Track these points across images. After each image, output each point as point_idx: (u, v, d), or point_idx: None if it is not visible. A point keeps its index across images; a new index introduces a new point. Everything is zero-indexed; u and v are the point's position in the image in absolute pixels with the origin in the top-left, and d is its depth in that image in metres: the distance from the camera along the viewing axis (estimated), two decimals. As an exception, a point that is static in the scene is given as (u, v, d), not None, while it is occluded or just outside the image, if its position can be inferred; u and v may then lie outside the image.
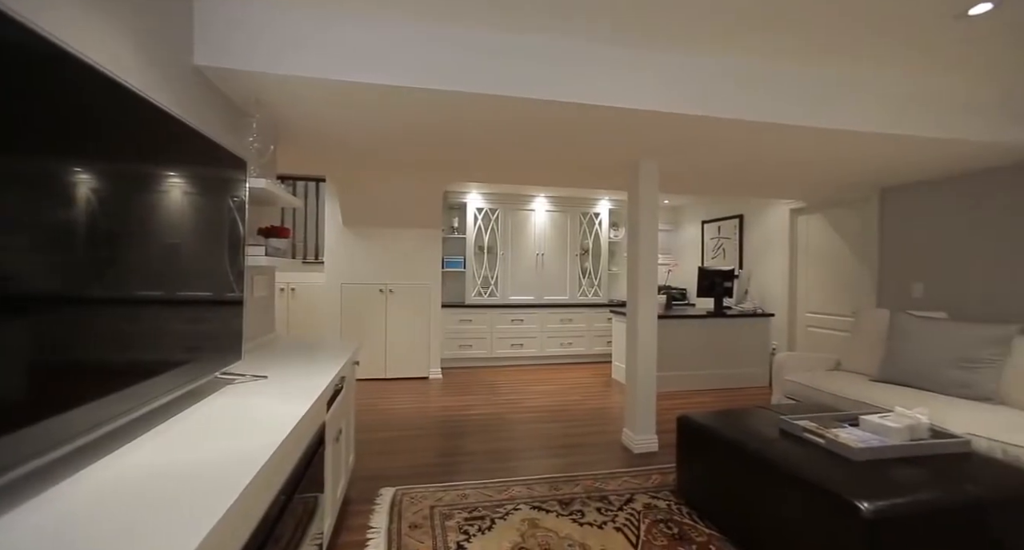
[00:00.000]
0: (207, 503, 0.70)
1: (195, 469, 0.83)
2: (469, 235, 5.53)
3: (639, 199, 2.89)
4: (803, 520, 1.57)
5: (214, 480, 0.78)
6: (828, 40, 1.93)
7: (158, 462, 0.85)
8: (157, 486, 0.76)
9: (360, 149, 2.81)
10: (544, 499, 2.22)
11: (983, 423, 2.10)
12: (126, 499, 0.72)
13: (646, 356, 2.89)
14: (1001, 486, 1.52)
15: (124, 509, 0.69)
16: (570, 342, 5.53)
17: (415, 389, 4.30)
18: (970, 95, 2.40)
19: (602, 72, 1.99)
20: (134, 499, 0.72)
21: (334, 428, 1.73)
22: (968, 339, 2.52)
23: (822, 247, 4.41)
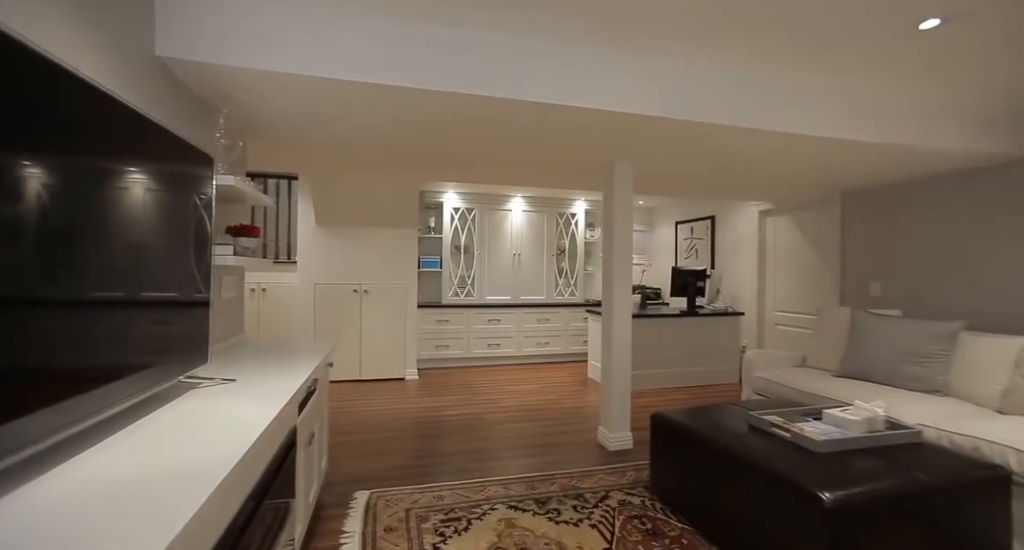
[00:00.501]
0: (169, 511, 0.68)
1: (156, 477, 0.80)
2: (446, 235, 5.50)
3: (614, 200, 2.93)
4: (770, 511, 1.62)
5: (176, 488, 0.75)
6: (794, 49, 2.01)
7: (116, 470, 0.82)
8: (115, 494, 0.73)
9: (333, 147, 2.75)
10: (521, 498, 2.23)
11: (932, 414, 2.22)
12: (83, 508, 0.69)
13: (621, 355, 2.93)
14: (947, 473, 1.61)
15: (81, 518, 0.66)
16: (547, 342, 5.57)
17: (391, 390, 4.25)
18: (922, 105, 2.53)
19: (575, 73, 2.01)
20: (91, 508, 0.69)
21: (306, 431, 1.69)
22: (919, 335, 2.66)
23: (789, 248, 4.57)
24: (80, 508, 0.69)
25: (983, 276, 2.95)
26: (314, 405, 1.84)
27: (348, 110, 2.10)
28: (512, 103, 1.98)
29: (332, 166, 3.31)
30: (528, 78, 1.95)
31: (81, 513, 0.68)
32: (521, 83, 1.94)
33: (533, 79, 1.95)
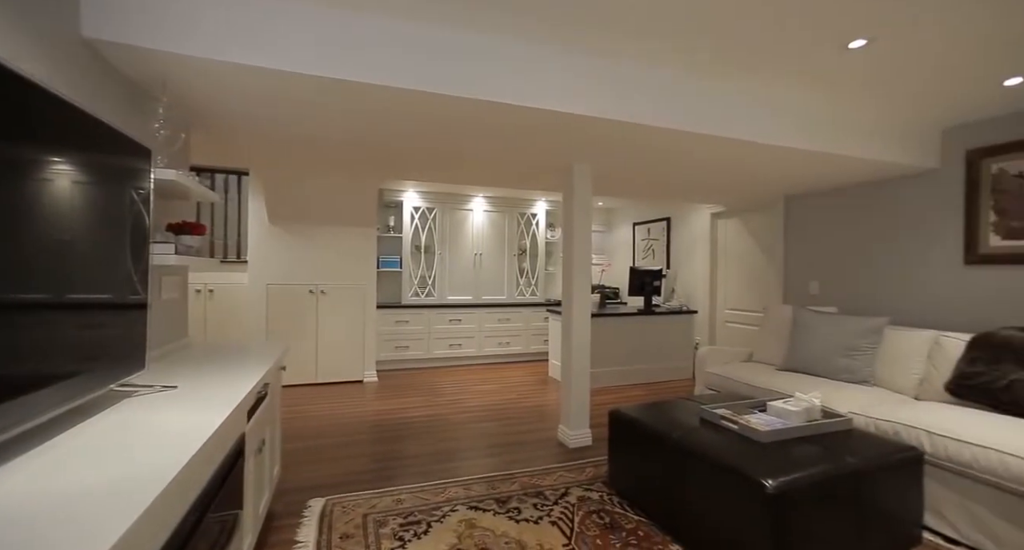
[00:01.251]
0: (92, 534, 0.63)
1: (78, 495, 0.73)
2: (406, 234, 5.40)
3: (573, 201, 2.98)
4: (719, 499, 1.70)
5: (102, 507, 0.70)
6: (741, 60, 2.11)
7: (33, 488, 0.75)
8: (31, 515, 0.67)
9: (286, 143, 2.64)
10: (481, 498, 2.22)
11: (860, 403, 2.41)
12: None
13: (580, 354, 2.98)
14: (872, 456, 1.75)
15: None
16: (508, 341, 5.58)
17: (349, 393, 4.13)
18: (856, 118, 2.73)
19: (531, 73, 2.03)
20: (6, 529, 0.63)
21: (256, 439, 1.62)
22: (850, 330, 2.87)
23: (738, 248, 4.81)
24: (3, 523, 0.63)
25: (905, 275, 3.21)
26: (265, 411, 1.76)
27: (298, 104, 2.02)
28: (467, 102, 1.96)
29: (286, 162, 3.18)
30: (483, 77, 1.94)
31: (4, 529, 0.62)
32: (476, 81, 1.93)
33: (488, 78, 1.95)
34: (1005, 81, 2.29)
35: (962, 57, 2.05)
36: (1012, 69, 2.17)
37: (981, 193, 2.81)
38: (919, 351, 2.65)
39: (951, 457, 1.90)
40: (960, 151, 2.92)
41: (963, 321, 2.86)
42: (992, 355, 2.24)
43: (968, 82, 2.31)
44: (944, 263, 3.00)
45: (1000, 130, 2.75)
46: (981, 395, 2.20)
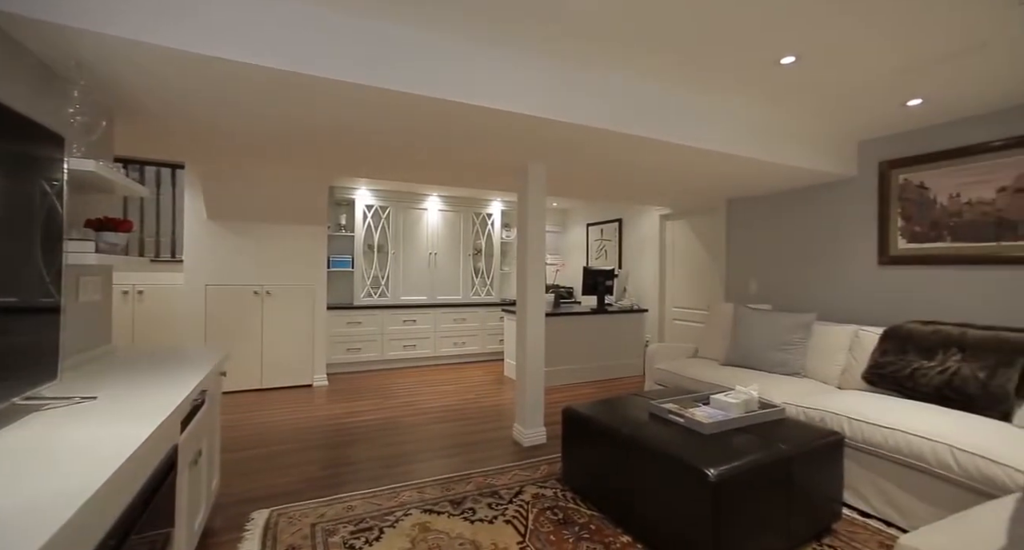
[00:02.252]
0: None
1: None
2: (358, 233, 5.25)
3: (528, 201, 3.01)
4: (666, 490, 1.77)
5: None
6: (688, 71, 2.21)
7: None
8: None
9: (226, 135, 2.49)
10: (436, 501, 2.20)
11: (792, 393, 2.59)
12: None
13: (535, 353, 3.02)
14: (801, 442, 1.89)
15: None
16: (464, 341, 5.55)
17: (297, 398, 3.95)
18: (787, 128, 2.94)
19: (485, 73, 2.03)
20: None
21: (191, 450, 1.51)
22: (783, 326, 3.09)
23: (685, 249, 5.03)
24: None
25: (830, 274, 3.49)
26: (202, 420, 1.65)
27: (238, 95, 1.91)
28: (421, 99, 1.94)
29: (227, 156, 2.99)
30: (437, 75, 1.92)
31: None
32: (430, 79, 1.91)
33: (442, 76, 1.93)
34: (908, 102, 2.55)
35: (873, 79, 2.25)
36: (913, 92, 2.41)
37: (891, 201, 3.10)
38: (841, 344, 2.88)
39: (866, 439, 2.09)
40: (873, 162, 3.21)
41: (879, 316, 3.15)
42: (899, 346, 2.48)
43: (878, 101, 2.54)
44: (862, 263, 3.28)
45: (905, 145, 3.04)
46: (891, 383, 2.43)
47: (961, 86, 2.34)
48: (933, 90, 2.39)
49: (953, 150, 2.80)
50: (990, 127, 2.67)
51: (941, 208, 2.86)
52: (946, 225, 2.84)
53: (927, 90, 2.39)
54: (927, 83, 2.31)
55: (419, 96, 1.91)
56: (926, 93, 2.43)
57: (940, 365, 2.28)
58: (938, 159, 2.86)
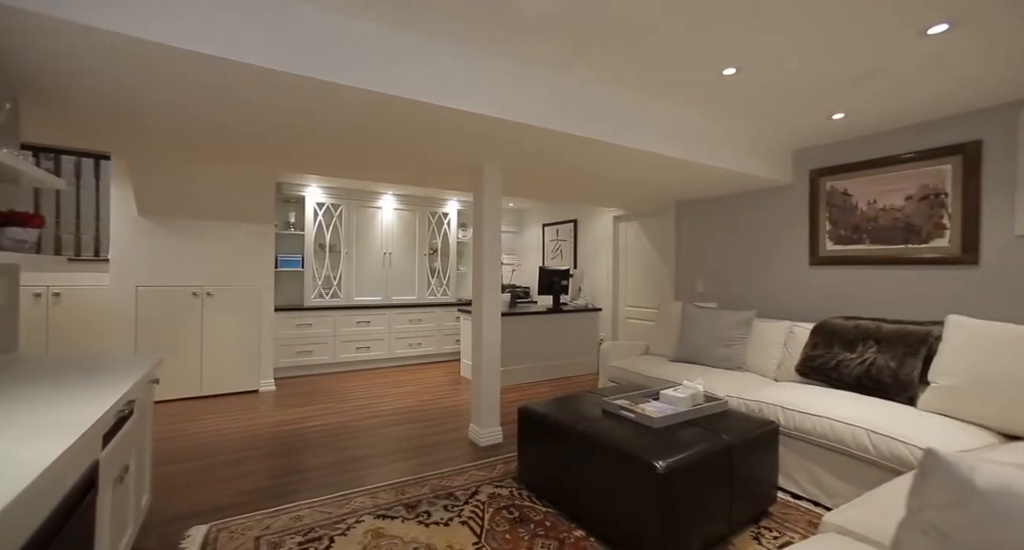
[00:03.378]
0: None
1: None
2: (308, 232, 5.05)
3: (483, 201, 3.01)
4: (618, 483, 1.83)
5: None
6: (640, 77, 2.29)
7: None
8: None
9: (159, 124, 2.32)
10: (390, 505, 2.16)
11: (734, 386, 2.76)
12: None
13: (490, 353, 3.03)
14: (741, 432, 2.01)
15: None
16: (419, 342, 5.48)
17: (241, 405, 3.75)
18: (730, 135, 3.11)
19: (441, 72, 2.02)
20: None
21: (115, 466, 1.40)
22: (726, 323, 3.27)
23: (637, 250, 5.22)
24: None
25: (769, 273, 3.74)
26: (130, 432, 1.53)
27: (171, 82, 1.78)
28: (366, 94, 1.89)
29: (160, 146, 2.78)
30: (384, 70, 1.88)
31: None
32: (375, 74, 1.86)
33: (390, 71, 1.89)
34: (833, 115, 2.77)
35: (804, 92, 2.43)
36: (837, 107, 2.63)
37: (820, 206, 3.36)
38: (777, 339, 3.09)
39: (798, 427, 2.25)
40: (805, 170, 3.46)
41: (810, 312, 3.40)
42: (826, 340, 2.69)
43: (809, 114, 2.74)
44: (795, 263, 3.54)
45: (831, 155, 3.31)
46: (820, 374, 2.63)
47: (875, 104, 2.57)
48: (853, 106, 2.61)
49: (871, 161, 3.07)
50: (900, 141, 2.95)
51: (861, 213, 3.13)
52: (865, 229, 3.11)
53: (848, 106, 2.61)
54: (847, 99, 2.52)
55: (371, 92, 1.87)
56: (847, 108, 2.65)
57: (860, 357, 2.49)
58: (859, 169, 3.13)
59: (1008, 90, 2.38)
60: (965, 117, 2.69)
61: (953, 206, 2.72)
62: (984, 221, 2.62)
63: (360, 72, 1.83)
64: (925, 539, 0.60)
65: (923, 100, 2.52)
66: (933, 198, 2.80)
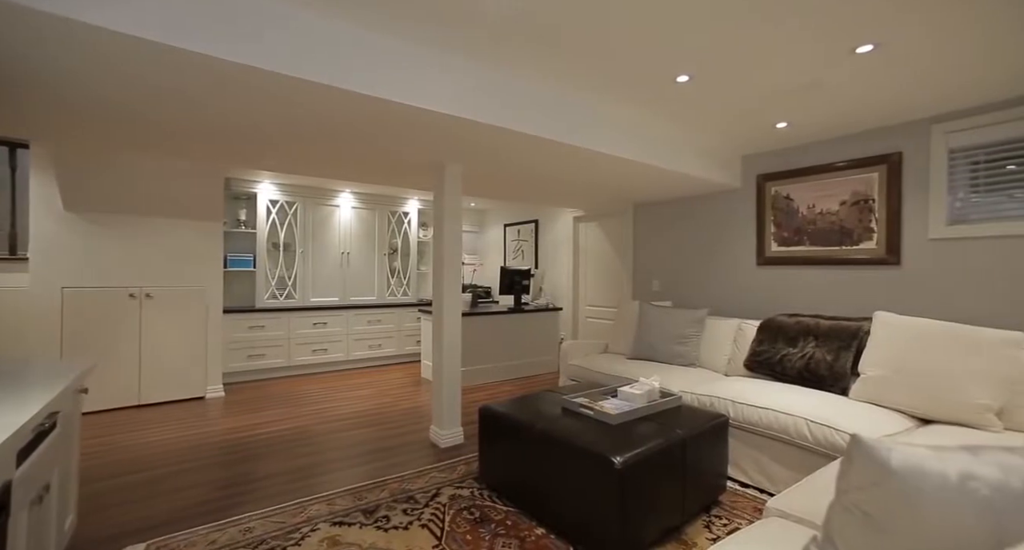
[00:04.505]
0: None
1: None
2: (261, 230, 4.83)
3: (444, 201, 2.99)
4: (578, 480, 1.87)
5: None
6: (598, 81, 2.34)
7: None
8: None
9: (91, 110, 2.15)
10: (347, 512, 2.10)
11: (688, 382, 2.87)
12: None
13: (451, 353, 3.01)
14: (694, 426, 2.10)
15: None
16: (379, 344, 5.36)
17: (186, 413, 3.54)
18: (684, 140, 3.24)
19: (402, 69, 1.99)
20: None
21: (34, 486, 1.29)
22: (681, 321, 3.41)
23: (597, 250, 5.33)
24: None
25: (720, 273, 3.92)
26: (51, 448, 1.41)
27: (107, 65, 1.66)
28: (324, 89, 1.84)
29: (89, 134, 2.58)
30: (343, 65, 1.84)
31: None
32: (334, 69, 1.81)
33: (349, 66, 1.85)
34: (777, 124, 2.94)
35: (751, 101, 2.57)
36: (780, 116, 2.80)
37: (766, 209, 3.56)
38: (728, 336, 3.25)
39: (746, 419, 2.38)
40: (753, 175, 3.66)
41: (758, 310, 3.60)
42: (772, 337, 2.85)
43: (756, 121, 2.90)
44: (744, 264, 3.73)
45: (776, 161, 3.52)
46: (766, 369, 2.79)
47: (813, 115, 2.76)
48: (794, 116, 2.79)
49: (810, 168, 3.28)
50: (835, 150, 3.18)
51: (802, 217, 3.35)
52: (806, 231, 3.33)
53: (790, 116, 2.78)
54: (789, 110, 2.69)
55: (334, 89, 1.82)
56: (790, 118, 2.82)
57: (801, 351, 2.66)
58: (800, 175, 3.35)
59: (924, 107, 2.62)
60: (889, 130, 2.93)
61: (879, 211, 2.95)
62: (904, 226, 2.86)
63: (324, 68, 1.78)
64: (850, 518, 0.65)
65: (854, 113, 2.72)
66: (863, 204, 3.03)
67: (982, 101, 2.52)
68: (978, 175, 2.62)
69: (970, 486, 0.54)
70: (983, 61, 2.07)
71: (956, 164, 2.69)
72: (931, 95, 2.45)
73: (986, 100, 2.51)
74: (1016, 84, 2.32)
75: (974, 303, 2.61)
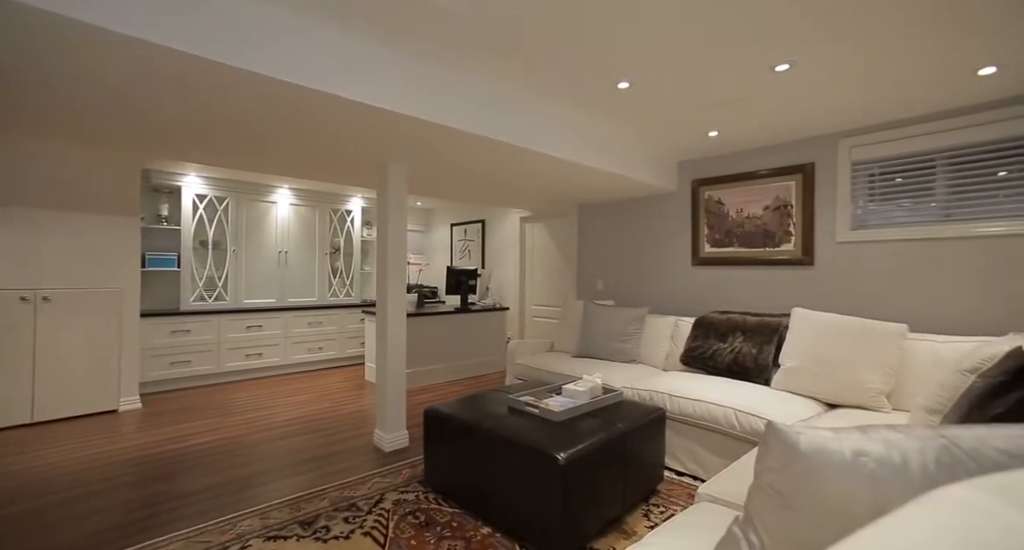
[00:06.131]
0: None
1: None
2: (186, 227, 4.47)
3: (388, 199, 2.91)
4: (523, 478, 1.89)
5: None
6: (542, 84, 2.38)
7: None
8: None
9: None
10: (283, 525, 1.99)
11: (629, 377, 2.99)
12: None
13: (395, 355, 2.94)
14: (634, 419, 2.19)
15: None
16: (320, 346, 5.13)
17: (94, 429, 3.19)
18: (627, 144, 3.37)
19: (345, 63, 1.92)
20: None
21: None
22: (622, 319, 3.55)
23: (543, 250, 5.42)
24: None
25: (658, 272, 4.12)
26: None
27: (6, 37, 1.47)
28: (261, 79, 1.74)
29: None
30: (282, 54, 1.75)
31: None
32: (272, 59, 1.72)
33: (288, 56, 1.76)
34: (709, 133, 3.14)
35: (685, 110, 2.72)
36: (711, 125, 2.99)
37: (700, 212, 3.79)
38: (666, 333, 3.42)
39: (681, 411, 2.52)
40: (688, 180, 3.88)
41: (693, 308, 3.82)
42: (705, 333, 3.04)
43: (690, 129, 3.08)
44: (681, 263, 3.94)
45: (708, 167, 3.75)
46: (700, 363, 2.97)
47: (739, 125, 2.97)
48: (723, 126, 2.99)
49: (738, 174, 3.53)
50: (759, 159, 3.44)
51: (731, 220, 3.59)
52: (735, 233, 3.57)
53: (720, 125, 2.98)
54: (719, 120, 2.87)
55: (269, 79, 1.72)
56: (719, 127, 3.02)
57: (730, 346, 2.86)
58: (729, 181, 3.59)
59: (833, 123, 2.90)
60: (804, 142, 3.21)
61: (796, 216, 3.24)
62: (817, 229, 3.16)
63: (260, 57, 1.68)
64: (766, 498, 0.70)
65: (774, 125, 2.96)
66: (783, 209, 3.30)
67: (878, 120, 2.84)
68: (874, 186, 2.95)
69: (860, 461, 0.60)
70: (877, 84, 2.33)
71: (857, 175, 3.00)
72: (838, 112, 2.72)
73: (882, 119, 2.83)
74: (903, 107, 2.63)
75: (873, 298, 2.92)
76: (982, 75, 2.22)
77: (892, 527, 0.45)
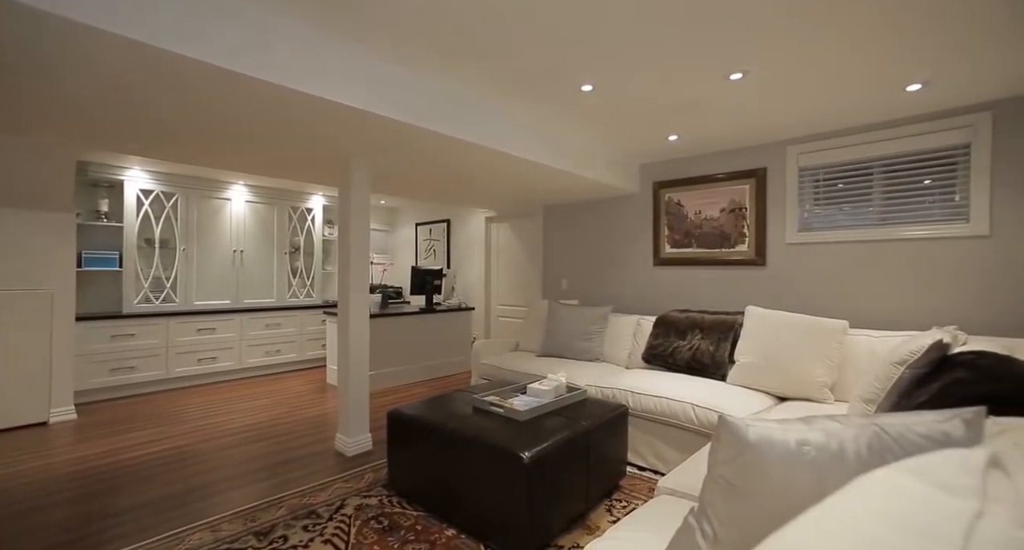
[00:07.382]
0: None
1: None
2: (130, 224, 4.20)
3: (351, 198, 2.84)
4: (488, 477, 1.88)
5: None
6: (506, 85, 2.38)
7: None
8: None
9: None
10: (235, 537, 1.91)
11: (592, 376, 3.04)
12: None
13: (358, 357, 2.87)
14: (597, 417, 2.23)
15: None
16: (278, 349, 4.94)
17: (19, 444, 2.95)
18: (591, 146, 3.43)
19: (307, 58, 1.86)
20: None
21: None
22: (586, 318, 3.60)
23: (508, 250, 5.43)
24: None
25: (621, 272, 4.21)
26: None
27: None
28: (206, 69, 1.66)
29: None
30: (233, 44, 1.67)
31: None
32: (229, 48, 1.65)
33: (239, 47, 1.69)
34: (669, 137, 3.25)
35: (646, 113, 2.80)
36: (671, 129, 3.08)
37: (661, 214, 3.91)
38: (628, 331, 3.50)
39: (643, 407, 2.58)
40: (649, 182, 3.99)
41: (655, 307, 3.92)
42: (665, 331, 3.14)
43: (650, 132, 3.16)
44: (643, 263, 4.05)
45: (668, 170, 3.88)
46: (661, 361, 3.06)
47: (697, 130, 3.08)
48: (682, 130, 3.09)
49: (696, 178, 3.66)
50: (716, 163, 3.58)
51: (690, 221, 3.72)
52: (693, 234, 3.70)
53: (679, 130, 3.08)
54: (678, 124, 2.97)
55: (225, 71, 1.63)
56: (679, 132, 3.13)
57: (689, 343, 2.96)
58: (688, 183, 3.72)
59: (782, 130, 3.06)
60: (757, 148, 3.37)
61: (750, 218, 3.39)
62: (768, 231, 3.32)
63: (216, 48, 1.60)
64: (719, 489, 0.73)
65: (730, 131, 3.09)
66: (738, 211, 3.45)
67: (822, 129, 3.02)
68: (819, 190, 3.13)
69: (803, 450, 0.64)
70: (820, 96, 2.48)
71: (804, 180, 3.18)
72: (786, 120, 2.87)
73: (825, 128, 3.01)
74: (843, 118, 2.81)
75: (818, 297, 3.10)
76: (910, 91, 2.40)
77: (826, 511, 0.48)
